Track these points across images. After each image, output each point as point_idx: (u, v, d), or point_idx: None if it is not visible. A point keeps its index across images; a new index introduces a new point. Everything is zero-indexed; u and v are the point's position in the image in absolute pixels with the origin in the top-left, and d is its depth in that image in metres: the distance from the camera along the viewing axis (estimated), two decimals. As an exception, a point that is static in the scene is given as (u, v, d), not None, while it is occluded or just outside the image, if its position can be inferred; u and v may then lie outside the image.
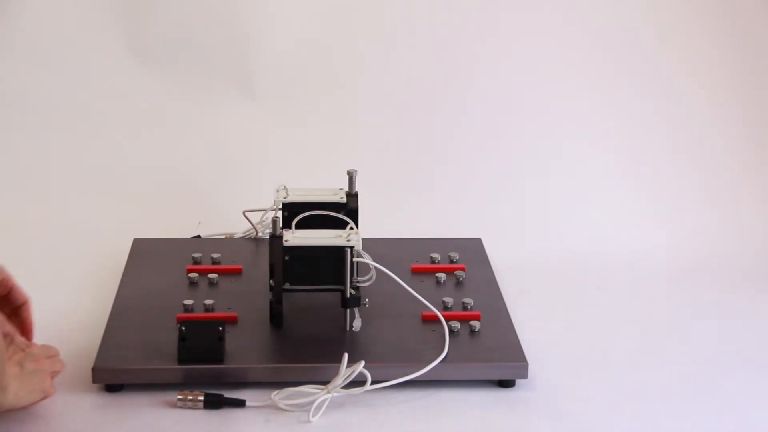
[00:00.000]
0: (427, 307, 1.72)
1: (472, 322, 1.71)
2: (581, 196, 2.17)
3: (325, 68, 2.27)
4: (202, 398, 1.57)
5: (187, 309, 1.74)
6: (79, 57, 2.22)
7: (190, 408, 1.57)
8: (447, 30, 2.27)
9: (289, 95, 2.26)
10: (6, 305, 1.61)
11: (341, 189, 1.81)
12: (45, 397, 1.54)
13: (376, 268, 1.69)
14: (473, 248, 1.96)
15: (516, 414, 1.60)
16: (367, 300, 1.70)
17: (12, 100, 2.19)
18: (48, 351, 1.58)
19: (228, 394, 1.58)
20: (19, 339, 1.57)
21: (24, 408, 1.53)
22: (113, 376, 1.60)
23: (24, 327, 1.62)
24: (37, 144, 2.19)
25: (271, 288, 1.71)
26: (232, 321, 1.71)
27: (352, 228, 1.74)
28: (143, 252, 1.93)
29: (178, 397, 1.58)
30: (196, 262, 1.88)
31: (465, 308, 1.76)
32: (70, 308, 1.82)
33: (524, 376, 1.64)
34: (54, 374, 1.57)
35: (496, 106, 2.25)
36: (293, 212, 1.77)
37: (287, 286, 1.69)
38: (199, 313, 1.73)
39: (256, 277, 1.83)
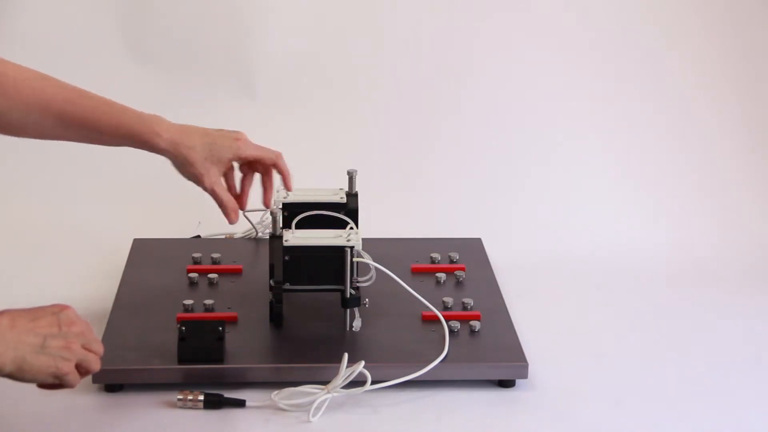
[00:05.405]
0: (427, 307, 1.72)
1: (472, 322, 1.71)
2: (581, 196, 2.17)
3: (325, 68, 2.27)
4: (202, 398, 1.57)
5: (187, 309, 1.74)
6: (79, 57, 2.22)
7: (190, 408, 1.57)
8: (446, 29, 2.27)
9: (289, 95, 2.26)
10: (259, 165, 1.73)
11: (341, 189, 1.81)
12: (60, 385, 1.43)
13: (376, 268, 1.69)
14: (473, 248, 1.96)
15: (516, 414, 1.60)
16: (367, 300, 1.70)
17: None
18: (90, 343, 1.45)
19: (228, 394, 1.58)
20: (66, 318, 1.44)
21: (41, 385, 1.43)
22: (113, 376, 1.60)
23: (282, 177, 1.73)
24: (36, 144, 2.18)
25: (271, 288, 1.71)
26: (232, 321, 1.71)
27: (352, 228, 1.74)
28: (143, 252, 1.93)
29: (178, 397, 1.58)
30: (196, 262, 1.88)
31: (465, 308, 1.76)
32: (70, 308, 1.82)
33: (524, 376, 1.64)
34: (83, 370, 1.45)
35: (496, 106, 2.25)
36: (293, 212, 1.77)
37: (287, 286, 1.69)
38: (199, 313, 1.73)
39: (256, 277, 1.83)
